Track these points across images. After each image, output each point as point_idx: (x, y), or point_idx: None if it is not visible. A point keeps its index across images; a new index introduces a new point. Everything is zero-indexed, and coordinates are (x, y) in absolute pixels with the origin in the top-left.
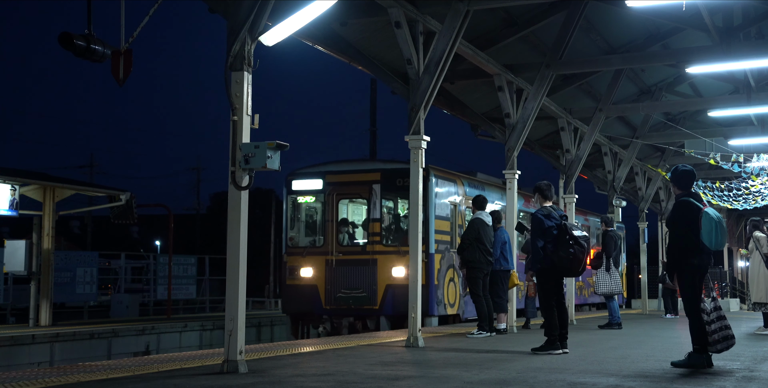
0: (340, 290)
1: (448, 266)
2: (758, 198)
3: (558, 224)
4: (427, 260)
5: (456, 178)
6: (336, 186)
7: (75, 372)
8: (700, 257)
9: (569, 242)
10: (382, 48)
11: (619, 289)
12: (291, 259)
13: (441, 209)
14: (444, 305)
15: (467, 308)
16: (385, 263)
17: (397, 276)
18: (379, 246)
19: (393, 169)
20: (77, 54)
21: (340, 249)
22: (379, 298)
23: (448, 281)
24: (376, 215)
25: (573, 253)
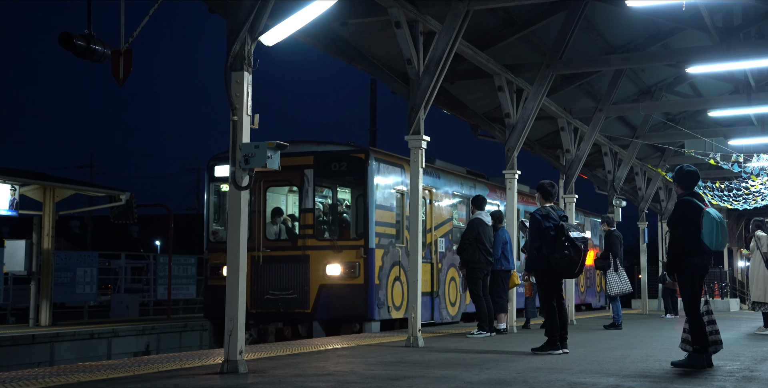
0: (268, 292)
1: (392, 263)
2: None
3: (556, 224)
4: (366, 256)
5: (403, 164)
6: (264, 172)
7: (75, 372)
8: (700, 257)
9: (565, 243)
10: (382, 48)
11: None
12: (213, 256)
13: (384, 198)
14: (387, 308)
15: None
16: (319, 259)
17: (332, 275)
18: (312, 240)
19: (328, 153)
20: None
21: (268, 244)
22: (311, 300)
23: (392, 281)
24: (309, 205)
25: (568, 255)
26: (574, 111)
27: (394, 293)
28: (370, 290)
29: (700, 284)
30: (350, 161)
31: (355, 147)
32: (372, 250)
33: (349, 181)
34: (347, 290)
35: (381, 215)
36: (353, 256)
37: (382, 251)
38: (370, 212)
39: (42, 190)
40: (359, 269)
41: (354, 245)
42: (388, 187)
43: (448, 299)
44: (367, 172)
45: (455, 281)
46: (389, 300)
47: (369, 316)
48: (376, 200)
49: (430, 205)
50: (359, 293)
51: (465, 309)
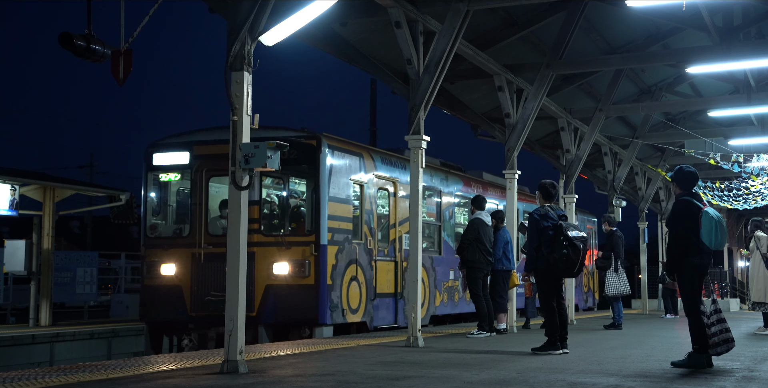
0: (209, 293)
1: (348, 262)
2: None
3: (555, 224)
4: (317, 254)
5: (363, 152)
6: (206, 160)
7: (75, 372)
8: (700, 257)
9: (563, 243)
10: (382, 48)
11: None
12: (150, 253)
13: (339, 190)
14: (342, 311)
15: (378, 314)
16: (265, 257)
17: (279, 274)
18: (258, 236)
19: (275, 139)
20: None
21: (210, 239)
22: (256, 302)
23: (348, 281)
24: (254, 197)
25: (566, 254)
26: (574, 111)
27: (350, 294)
28: (321, 291)
29: (700, 283)
30: (301, 148)
31: (307, 132)
32: (324, 247)
33: (300, 170)
34: (296, 291)
35: (335, 209)
36: (303, 253)
37: (336, 248)
38: (322, 204)
39: (42, 190)
40: (309, 268)
41: (304, 242)
42: (344, 177)
43: None
44: (320, 161)
45: (424, 282)
46: (344, 302)
47: (320, 320)
48: (330, 191)
49: (394, 198)
50: (309, 295)
51: (434, 312)
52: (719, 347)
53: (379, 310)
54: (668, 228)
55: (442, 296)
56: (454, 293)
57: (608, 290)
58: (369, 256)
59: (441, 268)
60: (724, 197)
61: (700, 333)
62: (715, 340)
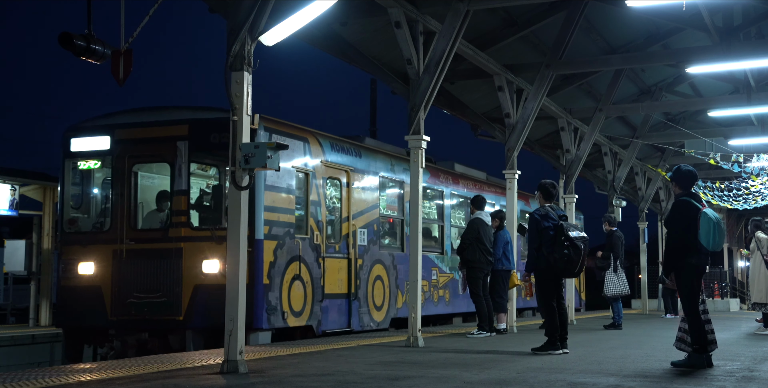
0: (132, 294)
1: (290, 259)
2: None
3: (555, 224)
4: (252, 249)
5: (308, 137)
6: (129, 145)
7: (75, 372)
8: (697, 257)
9: (564, 243)
10: (382, 48)
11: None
12: (67, 250)
13: (278, 178)
14: (282, 314)
15: (328, 317)
16: (194, 253)
17: (209, 273)
18: (186, 230)
19: (206, 120)
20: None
21: (134, 234)
22: (184, 304)
23: (290, 280)
24: (182, 186)
25: (568, 254)
26: (574, 111)
27: (293, 295)
28: (256, 292)
29: (698, 284)
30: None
31: None
32: (259, 241)
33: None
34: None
35: (273, 199)
36: None
37: (275, 244)
38: (258, 194)
39: (42, 190)
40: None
41: None
42: (285, 164)
43: (372, 302)
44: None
45: (382, 281)
46: (285, 304)
47: (255, 324)
48: (266, 179)
49: (347, 189)
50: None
51: (396, 314)
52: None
53: (328, 312)
54: (667, 228)
55: (405, 297)
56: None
57: (607, 291)
58: (316, 252)
59: (404, 266)
60: (724, 196)
61: (700, 333)
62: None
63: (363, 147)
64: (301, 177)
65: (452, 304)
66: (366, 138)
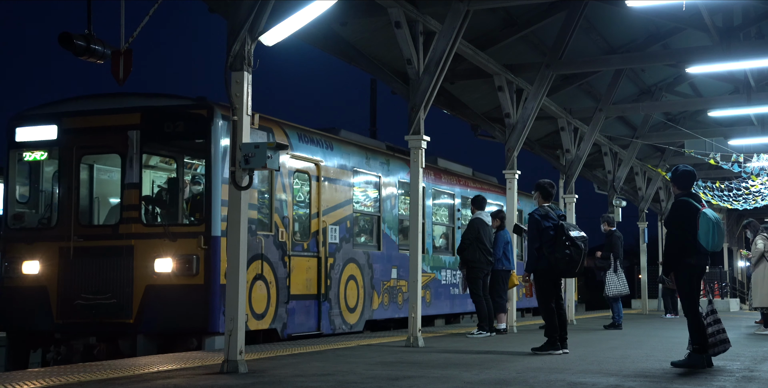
0: (80, 295)
1: (251, 257)
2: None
3: (555, 224)
4: (208, 247)
5: (273, 127)
6: (77, 135)
7: (75, 372)
8: (697, 257)
9: (566, 242)
10: (382, 48)
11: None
12: (11, 248)
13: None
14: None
15: (294, 320)
16: (146, 252)
17: (162, 272)
18: (138, 226)
19: (160, 108)
20: (77, 54)
21: (82, 231)
22: (135, 306)
23: (251, 280)
24: (134, 179)
25: (569, 254)
26: (574, 111)
27: (254, 296)
28: (212, 293)
29: (698, 284)
30: (189, 119)
31: (196, 101)
32: (216, 239)
33: (190, 146)
34: (182, 293)
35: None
36: (190, 247)
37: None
38: (215, 187)
39: None
40: (197, 265)
41: (191, 233)
42: None
43: (344, 303)
44: (212, 135)
45: (356, 281)
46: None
47: (211, 327)
48: (224, 171)
49: (317, 183)
50: (197, 297)
51: (371, 316)
52: (716, 348)
53: (295, 315)
54: (666, 228)
55: (382, 298)
56: (398, 294)
57: (608, 291)
58: (281, 250)
59: (380, 265)
60: (724, 196)
61: (700, 333)
62: (712, 340)
63: (335, 139)
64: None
65: (433, 305)
66: (341, 130)
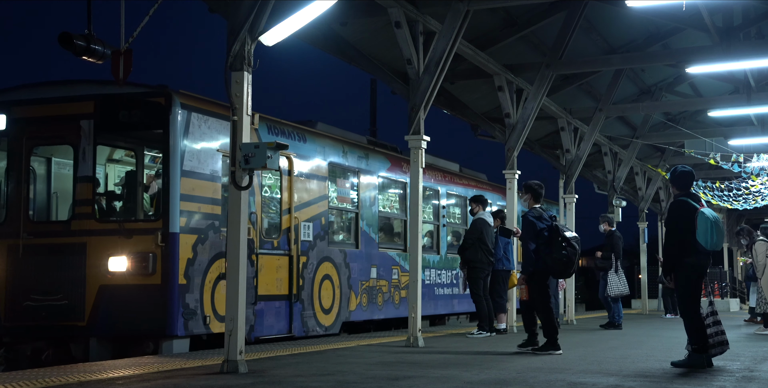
0: (29, 296)
1: (214, 256)
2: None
3: (549, 225)
4: (165, 244)
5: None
6: (27, 125)
7: (75, 372)
8: (696, 257)
9: (562, 243)
10: (382, 48)
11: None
12: None
13: (200, 163)
14: (203, 319)
15: (263, 322)
16: (100, 249)
17: (117, 271)
18: (92, 223)
19: (115, 96)
20: (77, 54)
21: (32, 228)
22: (87, 308)
23: (214, 280)
24: (87, 171)
25: (566, 255)
26: (574, 111)
27: (218, 297)
28: (170, 294)
29: (697, 284)
30: (146, 108)
31: (153, 88)
32: (175, 235)
33: (147, 137)
34: (138, 294)
35: (194, 187)
36: (146, 244)
37: (195, 238)
38: (173, 180)
39: None
40: (154, 263)
41: (148, 229)
42: (209, 147)
43: (319, 304)
44: (170, 124)
45: (331, 281)
46: (207, 307)
47: (169, 330)
48: (185, 164)
49: (289, 177)
50: (154, 298)
51: (348, 317)
52: (714, 349)
53: (263, 317)
54: (666, 228)
55: (360, 299)
56: (377, 295)
57: (611, 291)
58: (249, 248)
59: (358, 264)
60: (724, 196)
61: (699, 333)
62: (710, 342)
63: (309, 131)
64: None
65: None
66: (318, 123)
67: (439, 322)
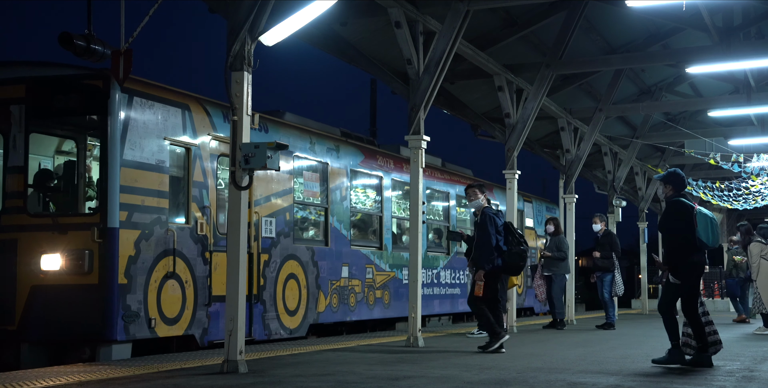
0: None
1: (161, 253)
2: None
3: (504, 222)
4: (103, 240)
5: (191, 103)
6: None
7: (75, 372)
8: (699, 255)
9: (519, 239)
10: (382, 48)
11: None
12: None
13: (143, 152)
14: (148, 322)
15: (218, 325)
16: (32, 247)
17: (50, 270)
18: (23, 217)
19: (49, 79)
20: (77, 54)
21: None
22: (18, 311)
23: (160, 279)
24: (18, 161)
25: (523, 250)
26: (574, 111)
27: (164, 298)
28: (108, 294)
29: (698, 282)
30: (82, 92)
31: (91, 70)
32: (114, 230)
33: (84, 123)
34: (73, 295)
35: (136, 177)
36: (83, 240)
37: (137, 234)
38: (112, 170)
39: None
40: (90, 261)
41: (84, 224)
42: (154, 135)
43: (283, 305)
44: (109, 110)
45: (297, 280)
46: (152, 309)
47: (107, 334)
48: (126, 152)
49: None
50: (91, 299)
51: (316, 319)
52: (711, 348)
53: (219, 319)
54: (664, 228)
55: (330, 299)
56: (349, 295)
57: (618, 290)
58: (201, 245)
59: (328, 263)
60: (724, 196)
61: (702, 332)
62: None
63: (271, 120)
64: (179, 152)
65: (393, 307)
66: (286, 113)
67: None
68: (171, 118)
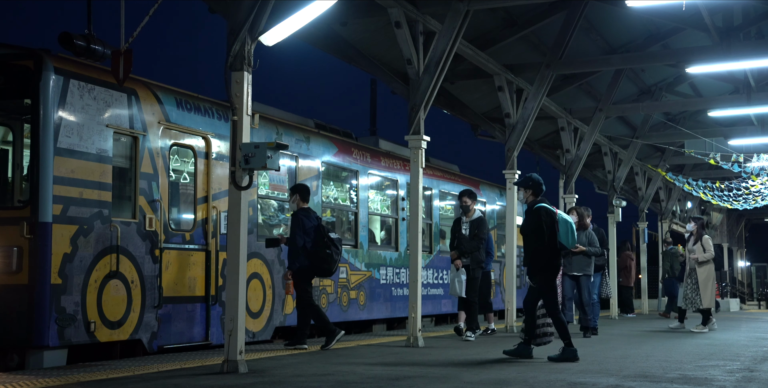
0: None
1: (101, 250)
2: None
3: (316, 225)
4: (33, 236)
5: (138, 88)
6: None
7: (75, 372)
8: (559, 258)
9: (327, 242)
10: (382, 48)
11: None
12: None
13: (81, 140)
14: (86, 326)
15: (171, 328)
16: None
17: None
18: None
19: None
20: (77, 54)
21: None
22: None
23: (100, 279)
24: None
25: (330, 254)
26: (574, 111)
27: (106, 300)
28: (39, 296)
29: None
30: (10, 74)
31: (21, 49)
32: (46, 225)
33: (15, 108)
34: (0, 296)
35: (72, 168)
36: (11, 236)
37: (74, 229)
38: (44, 159)
39: None
40: (19, 259)
41: (12, 218)
42: (93, 122)
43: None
44: (41, 93)
45: (261, 280)
46: (92, 312)
47: (38, 340)
48: (62, 140)
49: (206, 161)
50: (19, 301)
51: (284, 322)
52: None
53: (171, 322)
54: (526, 234)
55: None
56: (320, 296)
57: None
58: (149, 242)
59: None
60: (724, 196)
61: (564, 327)
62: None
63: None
64: (124, 141)
65: (369, 308)
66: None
67: (398, 325)
68: (115, 103)
